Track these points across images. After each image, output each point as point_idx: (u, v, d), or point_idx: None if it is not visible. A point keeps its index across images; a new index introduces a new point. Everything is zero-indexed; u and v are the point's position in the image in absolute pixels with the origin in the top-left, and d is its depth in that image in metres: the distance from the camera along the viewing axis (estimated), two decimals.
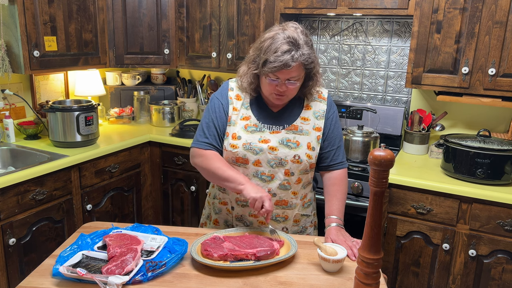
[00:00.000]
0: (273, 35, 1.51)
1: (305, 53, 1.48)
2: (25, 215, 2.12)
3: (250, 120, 1.64)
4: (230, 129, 1.65)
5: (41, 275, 1.32)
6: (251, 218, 1.68)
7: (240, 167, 1.63)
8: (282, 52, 1.46)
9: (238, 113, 1.65)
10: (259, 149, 1.60)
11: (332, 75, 2.93)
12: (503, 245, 2.03)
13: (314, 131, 1.65)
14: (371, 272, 1.15)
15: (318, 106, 1.68)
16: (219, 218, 1.78)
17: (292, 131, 1.63)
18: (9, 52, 2.36)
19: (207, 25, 2.84)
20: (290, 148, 1.60)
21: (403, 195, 2.20)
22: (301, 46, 1.48)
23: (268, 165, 1.61)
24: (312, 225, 1.80)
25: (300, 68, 1.51)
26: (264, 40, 1.53)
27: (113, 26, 2.87)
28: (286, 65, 1.46)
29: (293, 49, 1.47)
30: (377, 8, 2.35)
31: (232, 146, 1.62)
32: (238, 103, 1.67)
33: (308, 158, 1.62)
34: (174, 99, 3.36)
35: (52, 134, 2.49)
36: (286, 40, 1.47)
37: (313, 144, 1.64)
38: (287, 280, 1.33)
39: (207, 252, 1.38)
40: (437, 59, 2.27)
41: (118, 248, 1.35)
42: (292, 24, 1.55)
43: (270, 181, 1.62)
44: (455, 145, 2.16)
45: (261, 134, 1.62)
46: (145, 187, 2.94)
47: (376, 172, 1.10)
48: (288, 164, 1.61)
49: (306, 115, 1.66)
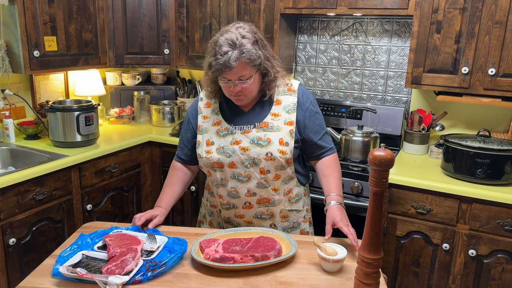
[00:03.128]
0: (215, 39, 1.54)
1: (245, 51, 1.48)
2: (25, 215, 2.12)
3: (221, 125, 1.66)
4: (202, 137, 1.68)
5: (41, 275, 1.33)
6: (237, 218, 1.72)
7: (217, 172, 1.65)
8: (221, 54, 1.48)
9: (209, 120, 1.69)
10: (231, 151, 1.61)
11: (332, 75, 2.93)
12: (503, 245, 2.03)
13: (286, 126, 1.63)
14: (371, 272, 1.15)
15: (288, 99, 1.67)
16: (212, 220, 1.83)
17: (262, 129, 1.62)
18: (9, 52, 2.36)
19: (207, 25, 2.84)
20: (262, 146, 1.60)
21: (403, 195, 2.20)
22: (241, 45, 1.48)
23: (242, 165, 1.62)
24: (306, 221, 1.79)
25: (247, 66, 1.51)
26: (209, 45, 1.56)
27: (113, 26, 2.87)
28: (226, 66, 1.47)
29: (230, 50, 1.48)
30: (377, 8, 2.35)
31: (206, 152, 1.65)
32: (207, 111, 1.71)
33: (281, 154, 1.60)
34: (174, 99, 3.36)
35: (52, 134, 2.49)
36: (225, 42, 1.49)
37: (286, 139, 1.62)
38: (287, 280, 1.33)
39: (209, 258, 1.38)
40: (437, 59, 2.27)
41: (118, 248, 1.35)
42: (236, 25, 1.56)
43: (248, 181, 1.63)
44: (455, 145, 2.16)
45: (233, 136, 1.63)
46: (145, 187, 2.94)
47: (376, 172, 1.10)
48: (262, 162, 1.61)
49: (276, 111, 1.65)
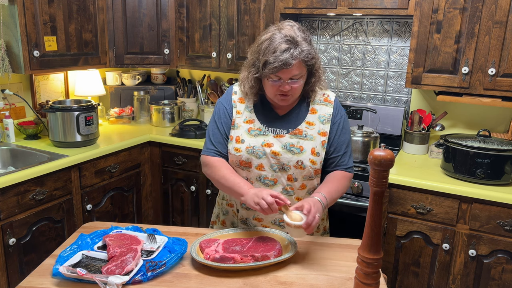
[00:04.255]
0: (270, 36, 1.50)
1: (304, 49, 1.47)
2: (25, 215, 2.12)
3: (254, 124, 1.63)
4: (234, 132, 1.64)
5: (41, 275, 1.33)
6: (255, 221, 1.68)
7: (243, 171, 1.62)
8: (281, 51, 1.45)
9: (241, 116, 1.65)
10: (261, 152, 1.58)
11: (332, 75, 2.93)
12: (503, 245, 2.03)
13: (319, 136, 1.61)
14: (371, 272, 1.15)
15: (324, 110, 1.64)
16: (226, 220, 1.78)
17: (296, 136, 1.60)
18: (9, 52, 2.36)
19: (207, 25, 2.84)
20: (293, 153, 1.58)
21: (403, 195, 2.20)
22: (300, 43, 1.47)
23: (271, 169, 1.59)
24: (318, 231, 1.75)
25: (301, 66, 1.49)
26: (262, 42, 1.51)
27: (113, 26, 2.87)
28: (286, 64, 1.44)
29: (291, 47, 1.45)
30: (377, 8, 2.35)
31: (235, 150, 1.61)
32: (241, 106, 1.66)
33: (312, 164, 1.58)
34: (174, 99, 3.36)
35: (52, 134, 2.49)
36: (284, 39, 1.46)
37: (318, 149, 1.60)
38: (287, 280, 1.33)
39: (209, 258, 1.37)
40: (437, 59, 2.27)
41: (118, 248, 1.35)
42: (288, 23, 1.53)
43: (273, 186, 1.60)
44: (455, 145, 2.16)
45: (265, 138, 1.60)
46: (145, 187, 2.94)
47: (376, 172, 1.10)
48: (291, 169, 1.58)
49: (311, 120, 1.62)
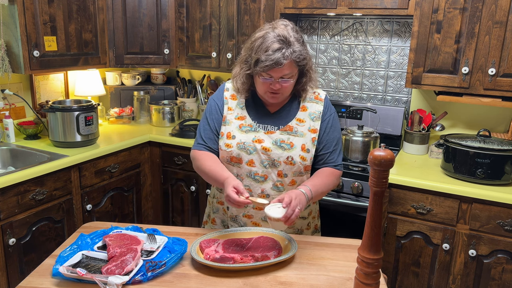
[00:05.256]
0: (263, 34, 1.51)
1: (296, 50, 1.49)
2: (25, 215, 2.12)
3: (245, 120, 1.65)
4: (225, 128, 1.66)
5: (41, 275, 1.32)
6: (245, 218, 1.68)
7: (234, 167, 1.64)
8: (273, 50, 1.47)
9: (233, 112, 1.67)
10: (252, 148, 1.60)
11: (332, 75, 2.93)
12: (503, 245, 2.03)
13: (310, 133, 1.64)
14: (371, 272, 1.15)
15: (314, 107, 1.67)
16: (216, 218, 1.79)
17: (286, 132, 1.62)
18: (9, 52, 2.36)
19: (207, 25, 2.84)
20: (284, 149, 1.60)
21: (403, 195, 2.20)
22: (292, 44, 1.48)
23: (261, 165, 1.61)
24: (309, 228, 1.77)
25: (293, 66, 1.51)
26: (255, 40, 1.53)
27: (113, 26, 2.87)
28: (278, 63, 1.46)
29: (283, 47, 1.47)
30: (377, 8, 2.35)
31: (226, 146, 1.63)
32: (233, 103, 1.68)
33: (301, 160, 1.61)
34: (174, 99, 3.36)
35: (52, 134, 2.49)
36: (276, 39, 1.48)
37: (308, 146, 1.62)
38: (287, 280, 1.33)
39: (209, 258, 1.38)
40: (437, 59, 2.27)
41: (118, 248, 1.35)
42: (282, 22, 1.55)
43: (263, 182, 1.62)
44: (455, 145, 2.16)
45: (256, 134, 1.62)
46: (145, 187, 2.94)
47: (376, 172, 1.10)
48: (281, 165, 1.60)
49: (302, 117, 1.65)
